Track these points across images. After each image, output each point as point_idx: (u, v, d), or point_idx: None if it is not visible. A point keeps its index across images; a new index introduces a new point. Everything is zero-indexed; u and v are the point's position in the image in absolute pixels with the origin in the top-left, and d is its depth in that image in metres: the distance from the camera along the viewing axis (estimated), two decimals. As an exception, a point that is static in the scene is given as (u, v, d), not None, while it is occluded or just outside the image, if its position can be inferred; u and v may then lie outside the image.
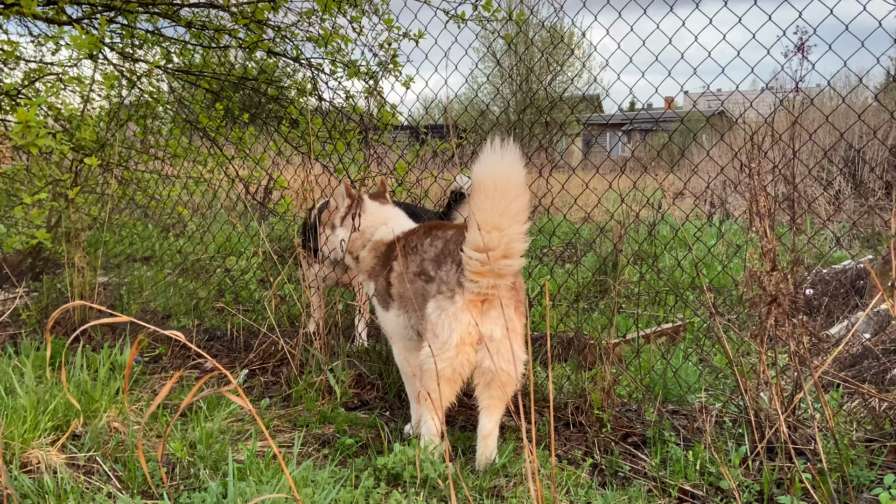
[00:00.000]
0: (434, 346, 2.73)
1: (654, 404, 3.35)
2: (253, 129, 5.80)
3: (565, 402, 3.49)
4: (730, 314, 4.92)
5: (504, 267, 2.66)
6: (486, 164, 2.58)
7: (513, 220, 2.60)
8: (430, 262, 2.94)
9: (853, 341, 4.13)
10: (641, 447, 3.14)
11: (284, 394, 3.73)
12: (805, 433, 2.93)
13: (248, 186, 6.10)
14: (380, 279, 3.21)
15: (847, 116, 9.45)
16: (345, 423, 3.31)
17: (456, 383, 2.78)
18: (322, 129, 5.08)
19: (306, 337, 3.83)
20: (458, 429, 3.28)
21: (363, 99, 4.63)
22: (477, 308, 2.70)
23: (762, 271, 2.41)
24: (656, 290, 5.21)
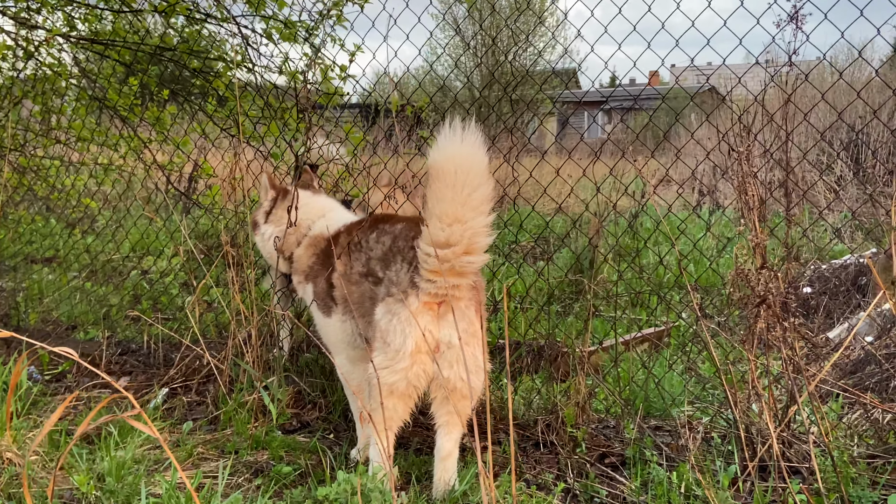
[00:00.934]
0: (385, 356, 2.72)
1: (634, 420, 3.39)
2: (173, 108, 5.71)
3: (534, 419, 3.51)
4: (719, 317, 5.00)
5: (466, 265, 2.67)
6: (445, 148, 2.58)
7: (476, 212, 2.61)
8: (377, 260, 2.93)
9: (854, 345, 4.23)
10: (620, 468, 3.17)
11: (211, 415, 3.68)
12: (801, 449, 2.99)
13: (169, 174, 6.00)
14: (319, 281, 3.19)
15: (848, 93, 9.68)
16: (281, 448, 3.28)
17: (410, 398, 2.78)
18: (254, 108, 5.02)
19: (236, 349, 3.79)
20: (413, 452, 3.28)
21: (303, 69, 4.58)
22: (433, 311, 2.70)
23: (751, 269, 2.45)
24: (637, 290, 5.27)
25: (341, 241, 3.15)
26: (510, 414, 1.67)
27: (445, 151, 2.57)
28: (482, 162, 2.59)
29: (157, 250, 6.54)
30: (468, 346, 2.72)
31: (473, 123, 2.57)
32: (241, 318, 3.88)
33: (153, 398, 3.88)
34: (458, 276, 2.67)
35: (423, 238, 2.64)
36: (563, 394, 3.61)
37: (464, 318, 2.71)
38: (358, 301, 3.02)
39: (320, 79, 4.63)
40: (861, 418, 3.42)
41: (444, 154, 2.57)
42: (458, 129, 2.56)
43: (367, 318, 2.98)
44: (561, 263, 6.82)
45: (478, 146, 2.57)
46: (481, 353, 2.79)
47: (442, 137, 2.58)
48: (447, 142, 2.57)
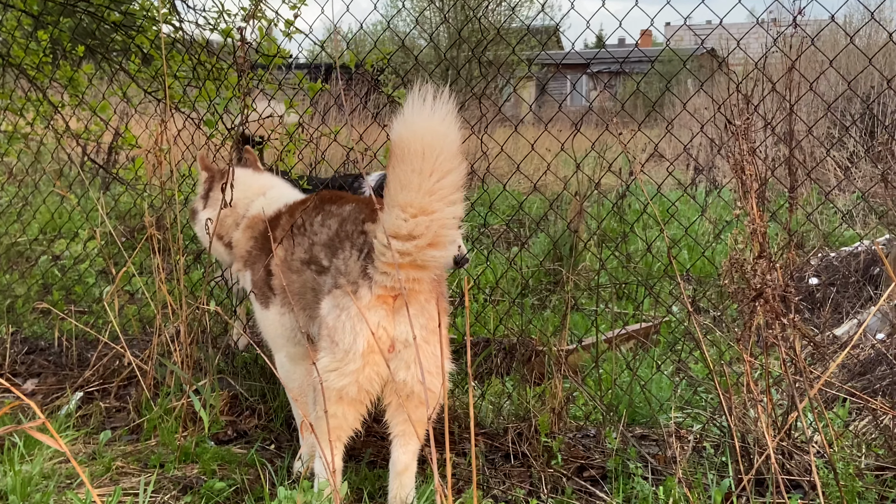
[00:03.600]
0: (333, 357, 2.72)
1: (617, 428, 3.43)
2: (89, 67, 5.63)
3: (504, 428, 3.54)
4: (714, 311, 5.08)
5: (429, 259, 2.66)
6: (412, 123, 2.53)
7: (445, 202, 2.59)
8: (322, 246, 2.93)
9: (863, 343, 4.32)
10: (600, 483, 3.21)
11: (133, 424, 3.67)
12: (803, 461, 3.05)
13: (84, 145, 5.92)
14: (257, 267, 3.20)
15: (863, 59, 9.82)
16: (214, 461, 3.28)
17: (361, 404, 2.79)
18: (185, 68, 4.97)
19: (162, 348, 3.77)
20: (366, 465, 3.30)
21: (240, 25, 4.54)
22: (388, 305, 2.70)
23: (747, 258, 2.49)
24: (622, 281, 5.33)
25: (282, 222, 3.15)
26: (472, 420, 1.68)
27: (413, 127, 2.52)
28: (455, 141, 2.55)
29: (71, 233, 6.45)
30: (428, 345, 2.73)
31: (447, 91, 2.53)
32: (169, 312, 3.86)
33: (65, 404, 3.85)
34: (420, 269, 2.67)
35: (382, 227, 2.62)
36: (537, 398, 3.64)
37: (423, 314, 2.71)
38: (299, 292, 3.03)
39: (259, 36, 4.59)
40: (870, 425, 3.50)
41: (411, 130, 2.52)
42: (428, 98, 2.50)
43: (310, 312, 2.99)
44: (537, 250, 6.85)
45: (451, 121, 2.53)
46: (445, 352, 2.80)
47: (409, 108, 2.52)
48: (415, 114, 2.51)
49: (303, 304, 3.04)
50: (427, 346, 2.73)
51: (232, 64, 4.62)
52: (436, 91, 2.51)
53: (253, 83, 4.37)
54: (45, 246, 6.29)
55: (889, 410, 3.19)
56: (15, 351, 4.53)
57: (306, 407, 3.27)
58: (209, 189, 3.51)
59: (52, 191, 5.81)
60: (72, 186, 6.00)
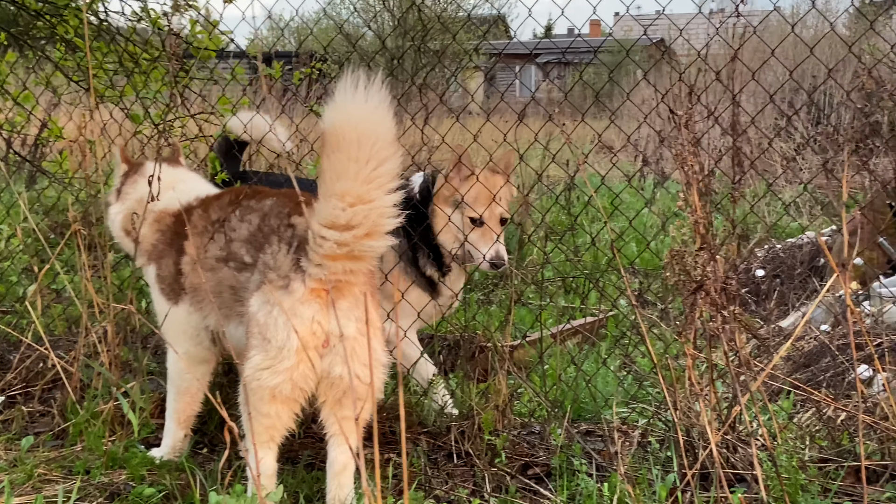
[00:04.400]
0: (266, 355, 2.70)
1: (562, 424, 3.45)
2: (12, 55, 5.49)
3: (447, 426, 3.54)
4: (662, 304, 5.13)
5: (367, 249, 2.66)
6: (345, 110, 2.52)
7: (383, 190, 2.59)
8: (242, 243, 2.91)
9: (808, 335, 4.40)
10: (545, 481, 3.23)
11: (57, 428, 3.60)
12: (747, 454, 3.09)
13: (9, 137, 5.79)
14: (164, 263, 3.20)
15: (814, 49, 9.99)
16: (143, 466, 3.23)
17: (296, 402, 2.77)
18: (111, 57, 4.87)
19: (89, 349, 3.71)
20: (304, 467, 3.27)
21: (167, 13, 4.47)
22: (322, 299, 2.69)
23: (687, 251, 2.51)
24: (568, 274, 5.36)
25: (194, 217, 3.13)
26: (402, 418, 1.66)
27: (346, 114, 2.51)
28: (391, 128, 2.55)
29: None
30: (364, 337, 2.72)
31: (380, 77, 2.52)
32: (96, 311, 3.80)
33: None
34: (355, 260, 2.66)
35: (319, 218, 2.61)
36: (481, 396, 3.64)
37: (358, 306, 2.70)
38: (214, 290, 3.01)
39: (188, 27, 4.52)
40: (813, 417, 3.56)
41: (345, 117, 2.51)
42: (360, 84, 2.49)
43: (226, 311, 2.99)
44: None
45: (385, 108, 2.53)
46: (380, 345, 2.80)
47: (341, 95, 2.50)
48: (348, 101, 2.50)
49: (219, 303, 3.03)
50: (363, 339, 2.72)
51: (160, 55, 4.55)
52: (368, 77, 2.49)
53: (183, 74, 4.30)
54: (-37, 243, 6.13)
55: (832, 402, 3.26)
56: (-70, 353, 4.41)
57: (188, 406, 3.35)
58: (123, 183, 3.49)
59: (-27, 185, 5.66)
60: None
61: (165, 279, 3.20)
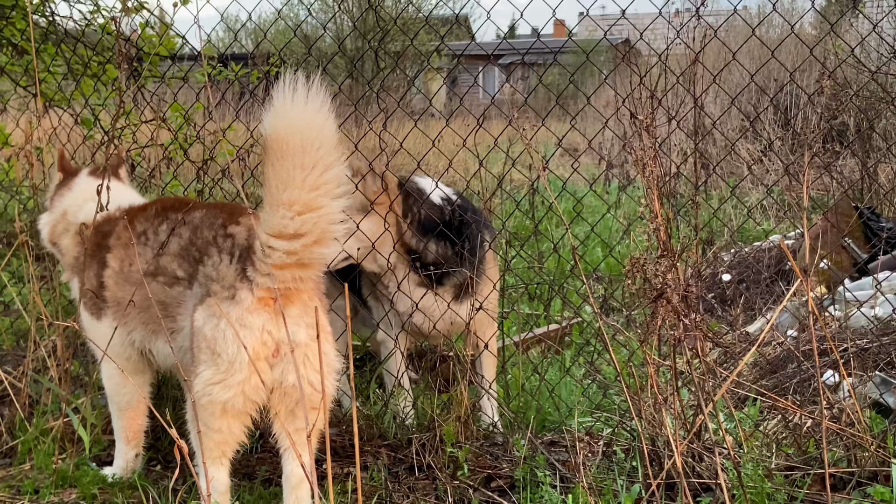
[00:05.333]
0: (217, 370, 2.69)
1: (525, 435, 3.46)
2: (-44, 59, 5.43)
3: (409, 438, 3.54)
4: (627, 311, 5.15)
5: (317, 257, 2.67)
6: (286, 115, 2.53)
7: (331, 195, 2.61)
8: (173, 256, 2.92)
9: (774, 341, 4.45)
10: (508, 493, 3.24)
11: (5, 447, 3.58)
12: (713, 463, 3.12)
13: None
14: (87, 276, 3.19)
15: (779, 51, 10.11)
16: (94, 484, 3.22)
17: (247, 415, 2.78)
18: (59, 61, 4.83)
19: (38, 364, 3.68)
20: (261, 482, 3.26)
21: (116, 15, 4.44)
22: (270, 307, 2.70)
23: (648, 258, 2.54)
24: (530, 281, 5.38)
25: (118, 229, 3.14)
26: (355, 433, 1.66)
27: (288, 120, 2.51)
28: (334, 132, 2.57)
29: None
30: (314, 343, 2.73)
31: (318, 79, 2.52)
32: (45, 324, 3.77)
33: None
34: (304, 268, 2.67)
35: (266, 227, 2.62)
36: (442, 407, 3.65)
37: (308, 313, 2.72)
38: (141, 305, 3.02)
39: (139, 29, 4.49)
40: (780, 425, 3.60)
41: (287, 123, 2.52)
42: (300, 88, 2.49)
43: (153, 327, 3.01)
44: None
45: (327, 111, 2.54)
46: (332, 350, 2.83)
47: (280, 99, 2.50)
48: (288, 106, 2.50)
49: (145, 318, 3.04)
50: (315, 345, 2.73)
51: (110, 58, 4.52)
52: (307, 80, 2.49)
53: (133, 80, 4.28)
54: None
55: (797, 409, 3.30)
56: None
57: (133, 422, 3.32)
58: (56, 192, 3.48)
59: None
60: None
61: (87, 293, 3.19)
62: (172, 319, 2.90)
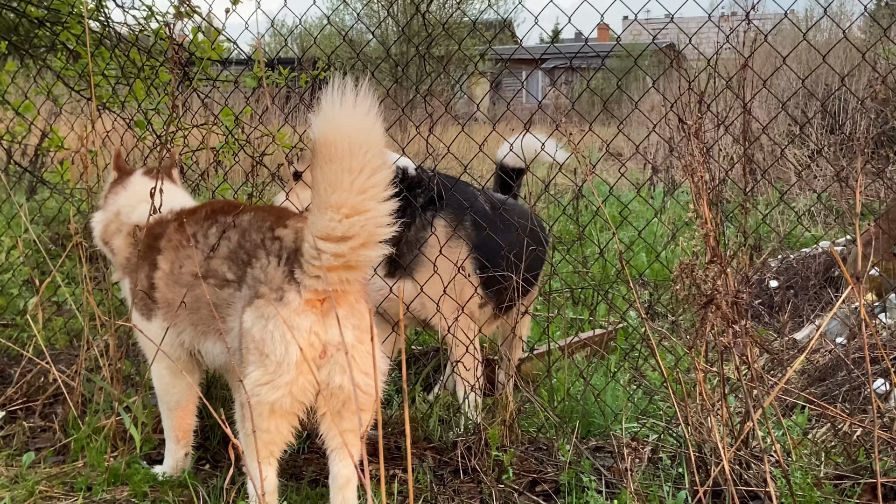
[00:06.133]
0: (265, 371, 2.71)
1: (570, 440, 3.45)
2: (12, 65, 5.54)
3: (454, 441, 3.54)
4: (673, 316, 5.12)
5: (363, 259, 2.68)
6: (335, 120, 2.55)
7: (378, 199, 2.62)
8: (223, 259, 2.95)
9: (822, 348, 4.39)
10: (553, 498, 3.23)
11: (59, 444, 3.62)
12: (760, 471, 3.09)
13: (9, 147, 5.83)
14: (138, 277, 3.23)
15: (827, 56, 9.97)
16: (145, 482, 3.25)
17: (295, 416, 2.80)
18: (113, 65, 4.90)
19: (90, 363, 3.72)
20: (308, 483, 3.28)
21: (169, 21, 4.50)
22: (317, 309, 2.72)
23: (697, 264, 2.52)
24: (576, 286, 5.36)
25: (169, 231, 3.17)
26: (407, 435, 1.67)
27: (336, 124, 2.53)
28: (381, 136, 2.58)
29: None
30: (363, 345, 2.76)
31: (366, 84, 2.53)
32: (97, 324, 3.82)
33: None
34: (351, 270, 2.69)
35: (314, 229, 2.64)
36: (487, 410, 3.65)
37: (354, 314, 2.74)
38: (191, 307, 3.06)
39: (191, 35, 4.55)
40: (829, 433, 3.56)
41: (336, 128, 2.53)
42: (348, 92, 2.51)
43: (203, 328, 3.05)
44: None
45: (374, 115, 2.55)
46: (378, 352, 2.82)
47: (329, 104, 2.52)
48: (337, 111, 2.51)
49: (194, 319, 3.08)
50: (361, 347, 2.76)
51: (163, 62, 4.58)
52: (355, 84, 2.51)
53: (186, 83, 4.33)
54: (-36, 255, 6.17)
55: (847, 418, 3.25)
56: (-69, 368, 4.44)
57: (182, 421, 3.36)
58: (109, 191, 3.53)
59: (-27, 196, 5.71)
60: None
61: (138, 293, 3.23)
62: (222, 321, 2.93)
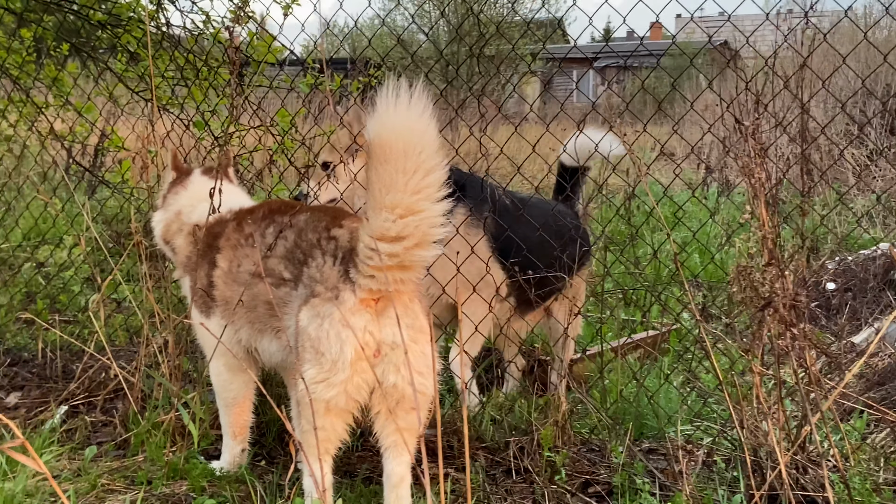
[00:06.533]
0: (320, 369, 2.74)
1: (623, 441, 3.44)
2: (74, 67, 5.64)
3: (506, 441, 3.55)
4: (726, 318, 5.06)
5: (418, 259, 2.70)
6: (390, 121, 2.57)
7: (432, 199, 2.64)
8: (280, 259, 2.99)
9: (881, 352, 4.32)
10: (606, 499, 3.22)
11: (119, 438, 3.68)
12: (817, 475, 3.06)
13: (69, 147, 5.94)
14: (198, 275, 3.27)
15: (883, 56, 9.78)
16: (203, 477, 3.29)
17: (349, 414, 2.82)
18: (172, 67, 4.98)
19: (150, 359, 3.78)
20: (362, 480, 3.31)
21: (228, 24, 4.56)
22: (371, 308, 2.74)
23: (754, 266, 2.49)
24: (629, 287, 5.33)
25: (227, 230, 3.22)
26: (465, 425, 1.68)
27: (391, 125, 2.55)
28: (435, 137, 2.60)
29: (56, 239, 6.46)
30: (416, 345, 2.78)
31: (420, 85, 2.55)
32: (157, 322, 3.88)
33: (50, 418, 3.86)
34: (405, 270, 2.71)
35: (368, 230, 2.66)
36: (539, 411, 3.65)
37: (408, 314, 2.76)
38: (249, 305, 3.10)
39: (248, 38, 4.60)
40: (888, 438, 3.50)
41: (390, 129, 2.56)
42: (402, 93, 2.53)
43: (259, 326, 3.10)
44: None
45: (428, 116, 2.57)
46: (430, 352, 2.83)
47: (383, 105, 2.54)
48: (391, 112, 2.54)
49: (251, 317, 3.12)
50: (416, 346, 2.77)
51: (221, 64, 4.64)
52: (409, 86, 2.52)
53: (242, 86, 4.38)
54: (28, 253, 6.30)
55: (907, 422, 3.20)
56: (-4, 363, 4.54)
57: (239, 417, 3.40)
58: (168, 190, 3.59)
59: (36, 196, 5.83)
60: (56, 191, 6.02)
61: (197, 291, 3.29)
62: (278, 319, 2.97)
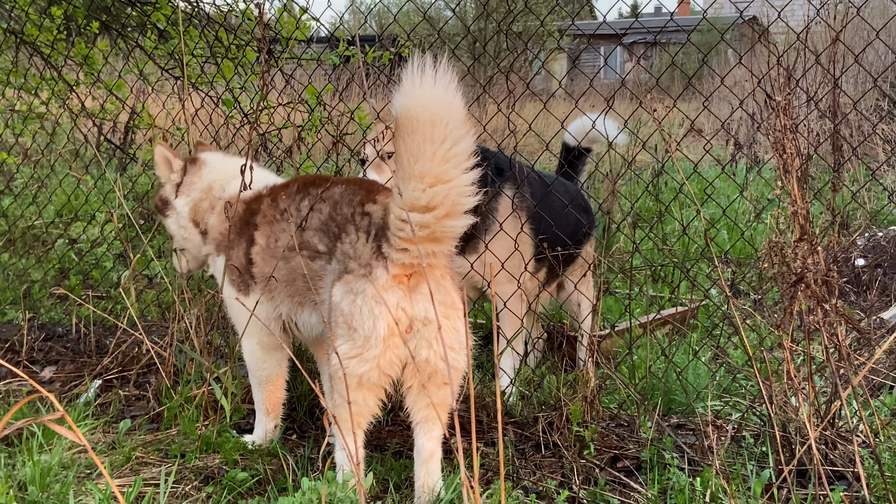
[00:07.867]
0: (354, 344, 2.76)
1: (652, 417, 3.44)
2: (105, 44, 5.67)
3: (535, 416, 3.56)
4: (755, 294, 5.05)
5: (447, 230, 2.71)
6: (416, 94, 2.59)
7: (459, 169, 2.65)
8: (314, 231, 3.00)
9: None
10: (635, 474, 3.22)
11: (153, 412, 3.72)
12: (847, 451, 3.05)
13: (100, 124, 5.98)
14: (235, 253, 3.27)
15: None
16: (236, 450, 3.32)
17: (381, 389, 2.84)
18: (201, 45, 4.99)
19: (182, 334, 3.81)
20: (392, 455, 3.33)
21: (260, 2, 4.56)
22: (404, 284, 2.75)
23: (785, 241, 2.48)
24: (657, 263, 5.32)
25: (263, 206, 3.22)
26: (499, 401, 1.69)
27: (418, 98, 2.58)
28: (462, 108, 2.61)
29: (88, 215, 6.52)
30: (448, 320, 2.78)
31: (445, 59, 2.57)
32: (188, 297, 3.91)
33: (84, 392, 3.90)
34: (436, 242, 2.71)
35: (400, 201, 2.67)
36: (568, 386, 3.65)
37: (440, 290, 2.76)
38: (286, 279, 3.11)
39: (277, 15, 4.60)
40: (918, 415, 3.48)
41: (418, 102, 2.58)
42: (427, 68, 2.55)
43: (299, 299, 3.10)
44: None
45: (454, 89, 2.58)
46: (463, 327, 2.84)
47: (409, 80, 2.57)
48: (418, 86, 2.56)
49: (290, 291, 3.13)
50: (448, 322, 2.78)
51: (249, 41, 4.64)
52: (435, 61, 2.55)
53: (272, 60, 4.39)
54: (61, 229, 6.36)
55: (938, 399, 3.17)
56: (32, 338, 4.58)
57: (272, 394, 3.42)
58: (183, 175, 3.53)
59: (69, 173, 5.88)
60: (88, 167, 6.06)
61: (235, 270, 3.29)
62: (315, 292, 2.99)
